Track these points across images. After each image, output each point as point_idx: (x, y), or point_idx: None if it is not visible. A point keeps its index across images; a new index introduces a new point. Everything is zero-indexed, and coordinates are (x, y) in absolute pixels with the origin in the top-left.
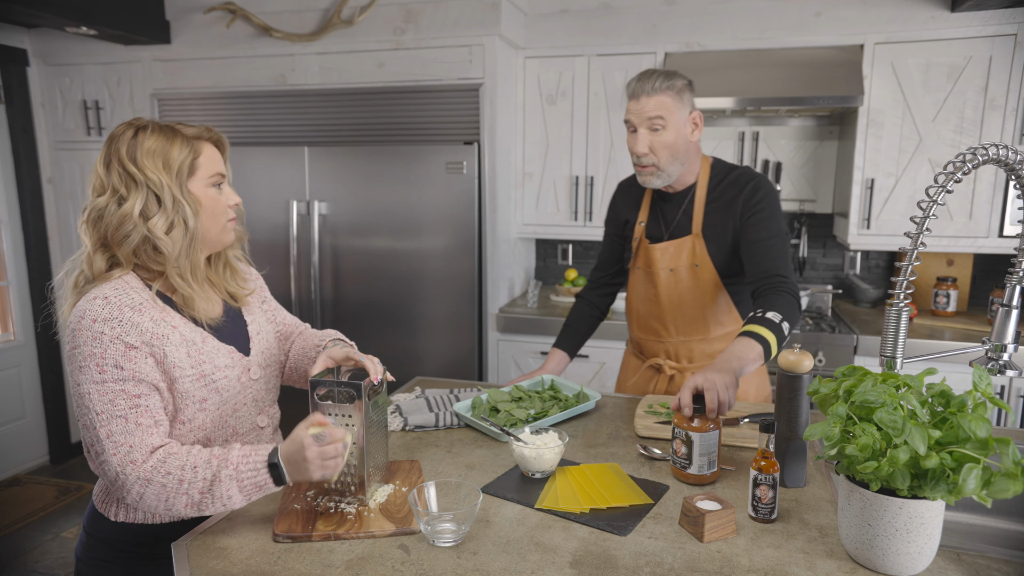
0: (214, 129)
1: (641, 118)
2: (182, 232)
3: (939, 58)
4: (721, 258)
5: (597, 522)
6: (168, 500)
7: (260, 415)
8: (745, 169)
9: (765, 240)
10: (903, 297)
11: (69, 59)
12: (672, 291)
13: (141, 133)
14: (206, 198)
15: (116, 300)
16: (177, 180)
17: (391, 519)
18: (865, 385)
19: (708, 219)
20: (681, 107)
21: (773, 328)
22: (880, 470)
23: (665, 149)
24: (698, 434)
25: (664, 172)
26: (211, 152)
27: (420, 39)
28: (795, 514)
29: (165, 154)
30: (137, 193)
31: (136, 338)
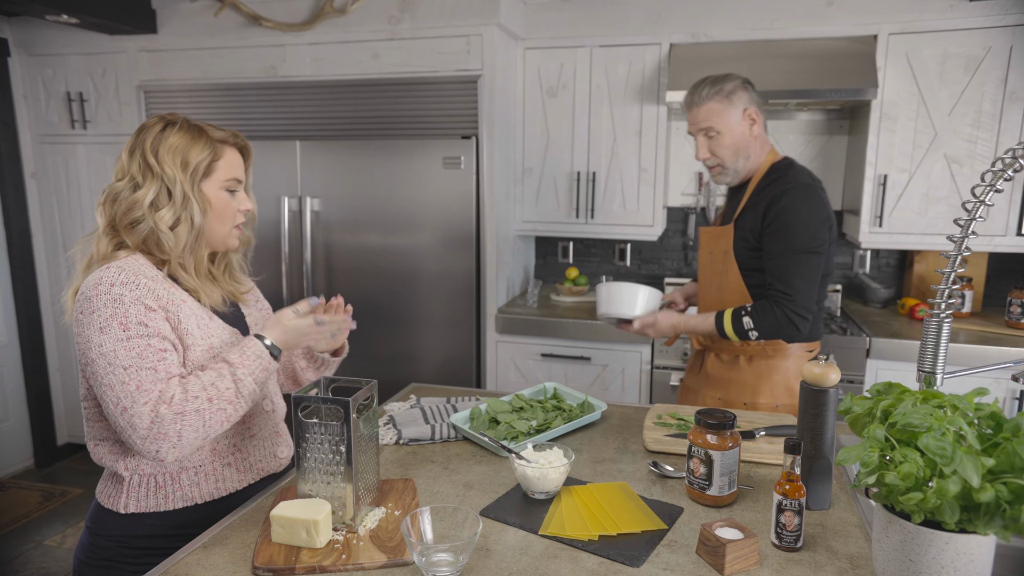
0: (242, 136)
1: (696, 127)
2: (187, 228)
3: (956, 49)
4: (744, 252)
5: (607, 551)
6: (206, 424)
7: (265, 399)
8: (796, 172)
9: (783, 254)
10: (945, 307)
11: (52, 49)
12: (707, 272)
13: (169, 128)
14: (217, 200)
15: (131, 267)
16: (191, 178)
17: (382, 548)
18: (905, 405)
19: (745, 212)
20: (732, 109)
21: (738, 329)
22: (926, 502)
23: (725, 151)
24: (719, 452)
25: (730, 170)
26: (233, 157)
27: (416, 29)
28: (821, 541)
29: (185, 152)
30: (152, 183)
31: (154, 301)
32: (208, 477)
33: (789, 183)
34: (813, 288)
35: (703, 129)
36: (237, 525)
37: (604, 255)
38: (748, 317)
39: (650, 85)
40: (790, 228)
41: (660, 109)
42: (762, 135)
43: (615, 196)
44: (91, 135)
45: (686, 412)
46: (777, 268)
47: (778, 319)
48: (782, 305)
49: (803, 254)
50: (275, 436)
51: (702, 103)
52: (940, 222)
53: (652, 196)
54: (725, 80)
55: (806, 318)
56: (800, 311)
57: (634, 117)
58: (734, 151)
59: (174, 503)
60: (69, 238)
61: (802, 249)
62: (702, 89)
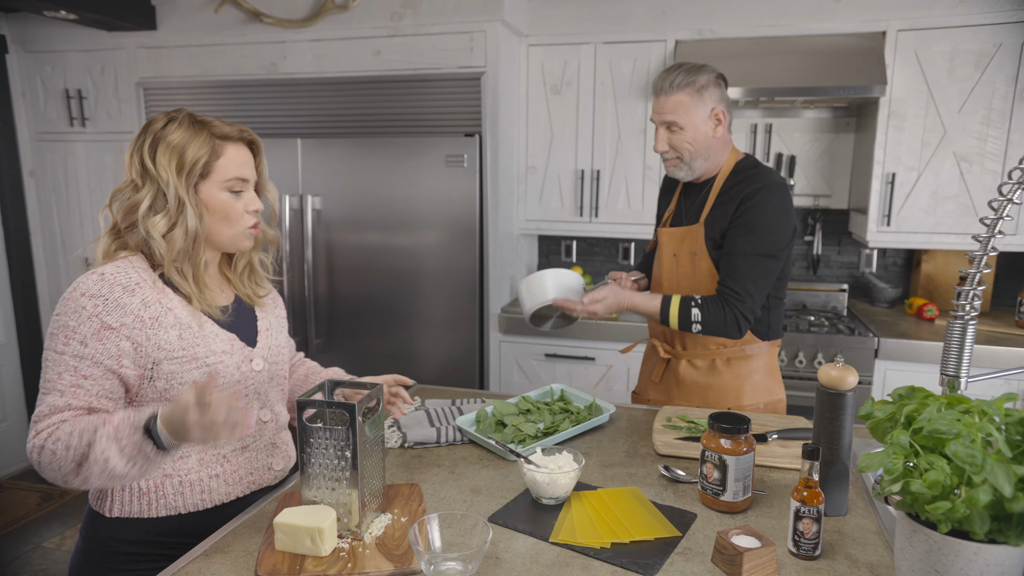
0: (249, 130)
1: (659, 118)
2: (182, 234)
3: (966, 45)
4: (716, 251)
5: (620, 559)
6: (60, 469)
7: (263, 409)
8: (764, 172)
9: (742, 254)
10: (969, 308)
11: (50, 46)
12: (672, 275)
13: (171, 124)
14: (217, 203)
15: (111, 278)
16: (186, 181)
17: (388, 556)
18: (930, 411)
19: (713, 211)
20: (700, 105)
21: (683, 318)
22: (954, 512)
23: (685, 147)
24: (733, 457)
25: (688, 165)
26: (237, 154)
27: (419, 25)
28: (840, 549)
29: (181, 151)
30: (149, 187)
31: (117, 319)
32: (193, 487)
33: (761, 181)
34: (764, 292)
35: (667, 122)
36: (239, 532)
37: (608, 254)
38: (697, 309)
39: None
40: (755, 228)
41: None
42: (725, 135)
43: (619, 195)
44: (90, 133)
45: (696, 415)
46: (734, 266)
47: (725, 318)
48: (732, 304)
49: (763, 257)
50: (271, 448)
51: (671, 92)
52: (949, 221)
53: (657, 195)
54: (699, 72)
55: (749, 321)
56: (747, 314)
57: (639, 115)
58: (693, 149)
59: (157, 511)
60: (68, 237)
61: (763, 252)
62: (674, 76)
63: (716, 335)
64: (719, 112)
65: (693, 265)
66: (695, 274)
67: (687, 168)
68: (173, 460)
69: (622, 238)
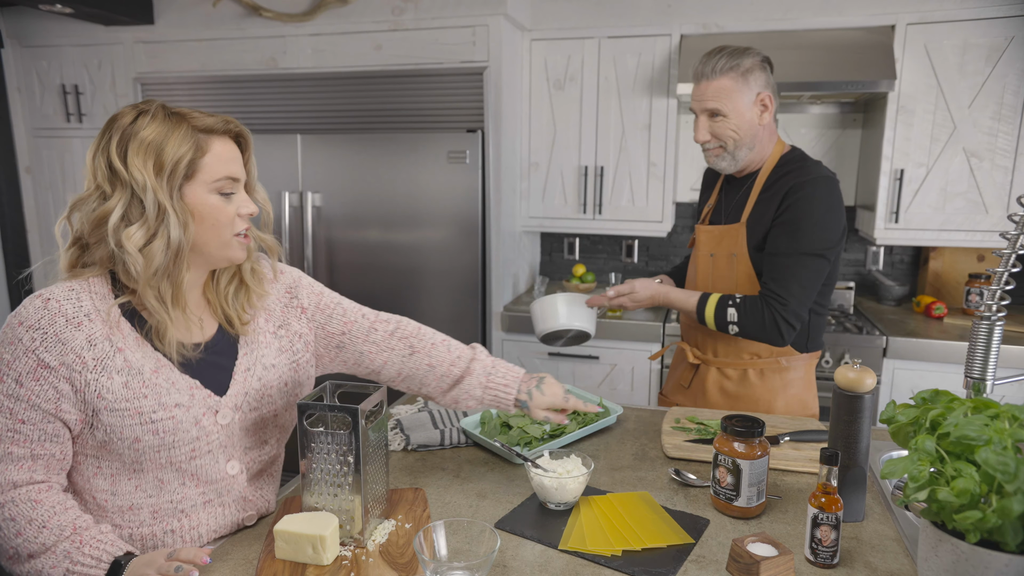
0: (235, 121)
1: (700, 105)
2: (162, 247)
3: (977, 39)
4: (756, 254)
5: (632, 568)
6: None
7: (230, 461)
8: (812, 165)
9: (786, 255)
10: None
11: (46, 41)
12: (707, 277)
13: (142, 118)
14: (204, 207)
15: (56, 306)
16: (168, 184)
17: (393, 565)
18: (956, 415)
19: (756, 209)
20: (745, 90)
21: (719, 318)
22: (985, 522)
23: (728, 136)
24: (747, 461)
25: (731, 155)
26: (224, 150)
27: (420, 19)
28: (858, 556)
29: (159, 150)
30: (121, 194)
31: (56, 358)
32: (146, 542)
33: (808, 174)
34: (811, 296)
35: (708, 109)
36: (239, 540)
37: (611, 251)
38: (734, 309)
39: (660, 77)
40: (801, 225)
41: (670, 102)
42: (771, 124)
43: (623, 191)
44: (87, 129)
45: (705, 416)
46: (777, 266)
47: (764, 321)
48: (772, 307)
49: (809, 256)
50: (241, 503)
51: (714, 77)
52: (959, 218)
53: (661, 191)
54: (744, 54)
55: (794, 327)
56: (791, 318)
57: (643, 110)
58: (737, 138)
59: None
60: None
61: (809, 251)
62: (717, 60)
63: (755, 339)
64: (765, 97)
65: (731, 267)
66: (732, 277)
67: (730, 158)
68: (122, 511)
69: (625, 235)
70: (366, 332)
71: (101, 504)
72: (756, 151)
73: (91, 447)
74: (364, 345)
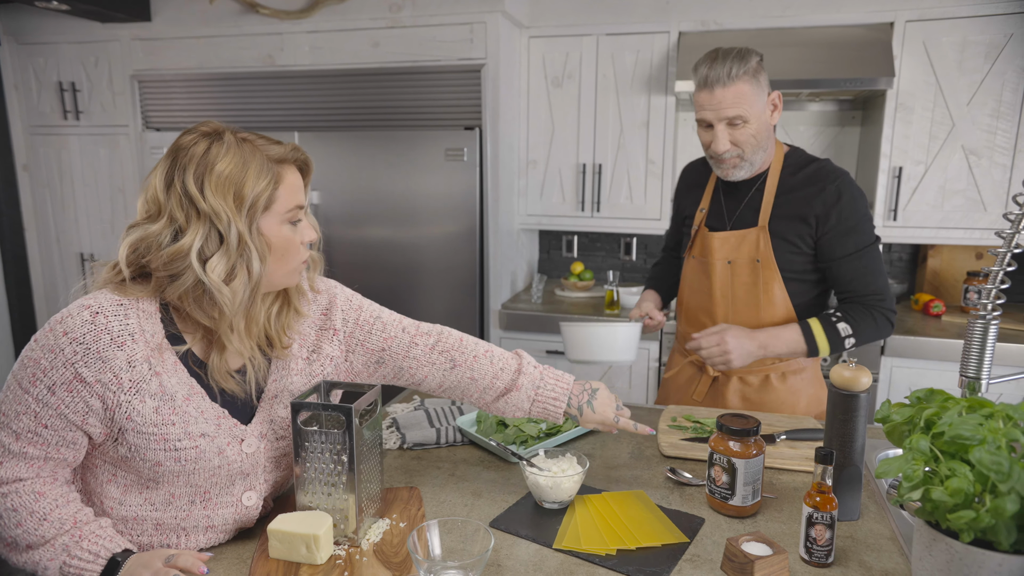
0: (302, 149)
1: (719, 114)
2: (244, 280)
3: (976, 36)
4: (786, 257)
5: (626, 567)
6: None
7: (247, 492)
8: (826, 164)
9: (856, 254)
10: (991, 307)
11: (43, 38)
12: (727, 285)
13: (216, 147)
14: (279, 238)
15: (104, 322)
16: (248, 217)
17: (387, 564)
18: (951, 415)
19: (777, 213)
20: (760, 92)
21: (833, 338)
22: (978, 521)
23: (748, 143)
24: (743, 460)
25: (748, 162)
26: (294, 179)
27: (417, 16)
28: (853, 555)
29: (239, 183)
30: (198, 226)
31: (93, 375)
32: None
33: (830, 172)
34: (887, 278)
35: (729, 117)
36: (235, 541)
37: (610, 249)
38: (844, 323)
39: (658, 75)
40: (857, 225)
41: (668, 99)
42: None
43: (621, 189)
44: (84, 126)
45: (701, 414)
46: (856, 268)
47: (877, 322)
48: (875, 307)
49: (872, 247)
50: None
51: (731, 83)
52: (957, 215)
53: (660, 189)
54: (749, 55)
55: (895, 312)
56: (892, 306)
57: (641, 108)
58: (756, 143)
59: None
60: (62, 231)
61: (870, 242)
62: (730, 65)
63: (871, 341)
64: (775, 97)
65: (754, 274)
66: (756, 283)
67: (748, 165)
68: (125, 521)
69: (624, 233)
70: (406, 348)
71: (106, 510)
72: (767, 153)
73: (111, 457)
74: (404, 361)
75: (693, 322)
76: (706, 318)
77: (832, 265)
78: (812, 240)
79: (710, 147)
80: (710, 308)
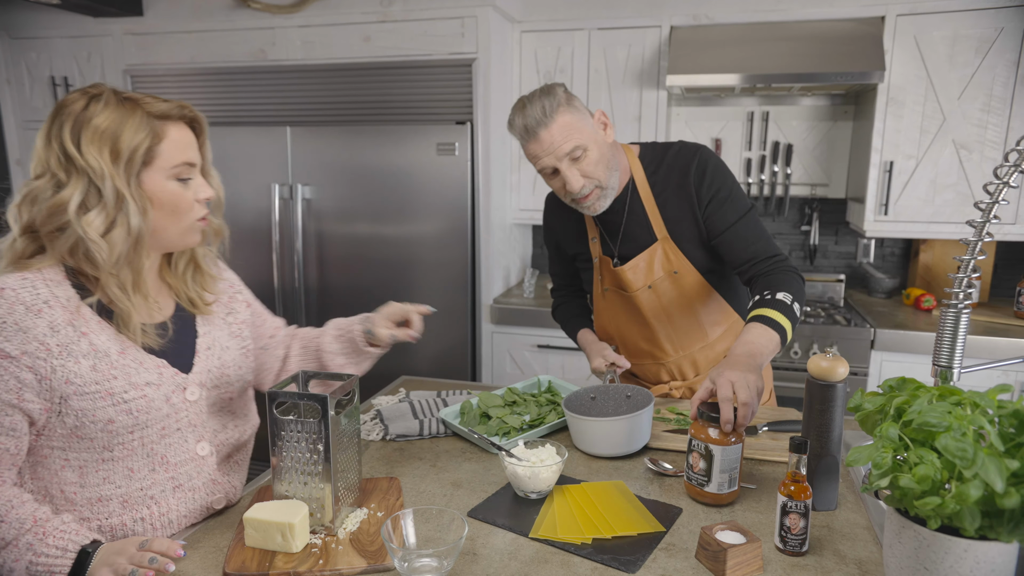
0: (190, 106)
1: (557, 155)
2: (123, 234)
3: (967, 30)
4: (698, 255)
5: (601, 555)
6: None
7: (200, 442)
8: (679, 146)
9: (742, 220)
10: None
11: (35, 32)
12: (657, 308)
13: (94, 104)
14: (164, 193)
15: (13, 295)
16: (126, 171)
17: (362, 552)
18: (920, 402)
19: (666, 216)
20: (582, 117)
21: (786, 311)
22: (944, 508)
23: (598, 170)
24: (719, 447)
25: (609, 188)
26: (180, 135)
27: (409, 11)
28: (828, 544)
29: (115, 137)
30: (77, 181)
31: (16, 347)
32: (115, 532)
33: (686, 152)
34: None
35: (568, 152)
36: (211, 527)
37: None
38: (780, 293)
39: (650, 69)
40: (733, 191)
41: (660, 94)
42: (614, 140)
43: None
44: None
45: (684, 407)
46: (746, 238)
47: (797, 281)
48: (787, 268)
49: (753, 211)
50: (210, 486)
51: (550, 120)
52: (948, 210)
53: None
54: (553, 90)
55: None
56: (797, 267)
57: (633, 102)
58: (605, 166)
59: None
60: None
61: (751, 207)
62: (539, 105)
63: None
64: (600, 115)
65: (677, 286)
66: (683, 293)
67: (609, 191)
68: (91, 503)
69: None
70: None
71: (69, 497)
72: (619, 167)
73: (59, 437)
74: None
75: (636, 352)
76: (649, 345)
77: (723, 238)
78: (702, 224)
79: (566, 191)
80: (650, 335)
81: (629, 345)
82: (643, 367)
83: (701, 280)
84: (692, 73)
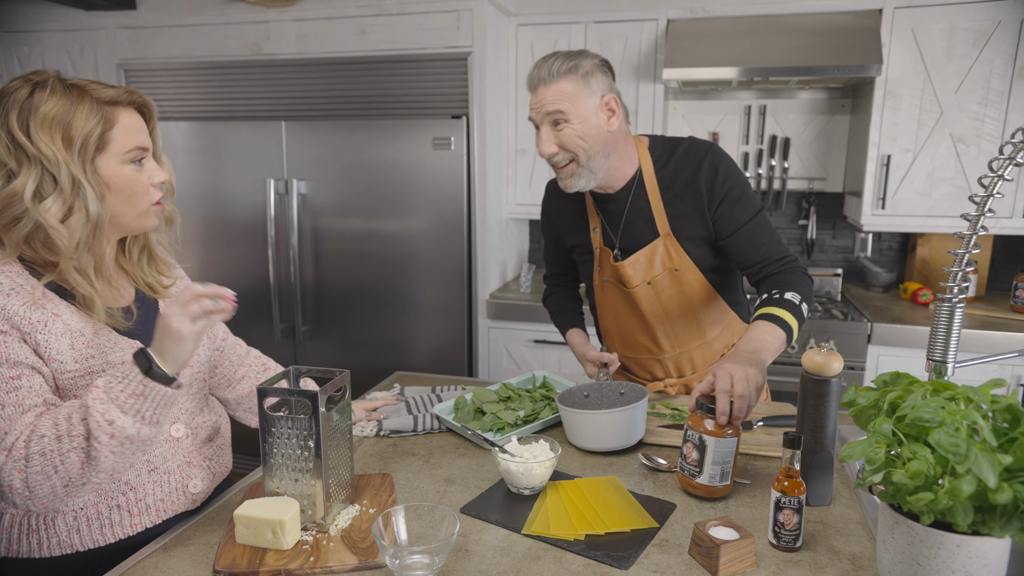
0: (138, 92)
1: (540, 113)
2: (82, 220)
3: (964, 23)
4: (700, 253)
5: (594, 552)
6: (58, 469)
7: (175, 424)
8: (690, 142)
9: (753, 221)
10: (957, 291)
11: (27, 25)
12: (655, 304)
13: (39, 92)
14: (120, 178)
15: None
16: (80, 157)
17: (354, 549)
18: (914, 397)
19: (671, 212)
20: (588, 93)
21: (793, 310)
22: (937, 503)
23: (577, 145)
24: (713, 439)
25: (586, 169)
26: (131, 120)
27: (404, 4)
28: (822, 540)
29: (67, 124)
30: (29, 169)
31: (3, 322)
32: (91, 522)
33: (699, 149)
34: None
35: (550, 114)
36: (201, 524)
37: None
38: (789, 293)
39: (647, 63)
40: (744, 191)
41: (657, 87)
42: (623, 128)
43: None
44: None
45: (680, 402)
46: (757, 238)
47: (806, 282)
48: (797, 269)
49: (764, 212)
50: (186, 468)
51: (552, 81)
52: (945, 203)
53: None
54: (580, 57)
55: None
56: (806, 268)
57: (630, 95)
58: (587, 145)
59: (50, 550)
60: None
61: (761, 207)
62: (552, 63)
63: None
64: (611, 100)
65: (677, 283)
66: (683, 291)
67: (587, 172)
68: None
69: None
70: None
71: None
72: (615, 159)
73: None
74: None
75: (633, 346)
76: (647, 340)
77: (734, 238)
78: (711, 223)
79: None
80: (647, 330)
81: (626, 338)
82: (639, 361)
83: (701, 278)
84: (689, 67)
